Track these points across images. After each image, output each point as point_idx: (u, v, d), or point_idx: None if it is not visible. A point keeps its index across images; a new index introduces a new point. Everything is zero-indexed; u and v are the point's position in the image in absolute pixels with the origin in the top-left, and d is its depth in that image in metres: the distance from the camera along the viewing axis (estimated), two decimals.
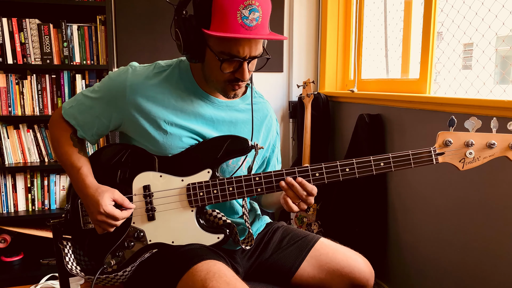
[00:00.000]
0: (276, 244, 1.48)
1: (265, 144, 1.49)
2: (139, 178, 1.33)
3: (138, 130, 1.33)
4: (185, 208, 1.33)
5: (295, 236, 1.49)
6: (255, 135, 1.43)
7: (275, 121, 1.54)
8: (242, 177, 1.29)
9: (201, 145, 1.34)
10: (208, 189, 1.31)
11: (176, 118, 1.33)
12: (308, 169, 1.27)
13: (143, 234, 1.34)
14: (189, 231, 1.33)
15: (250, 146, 1.31)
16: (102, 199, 1.26)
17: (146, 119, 1.31)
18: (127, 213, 1.29)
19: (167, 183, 1.32)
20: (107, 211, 1.26)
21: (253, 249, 1.49)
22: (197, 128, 1.34)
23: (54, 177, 2.74)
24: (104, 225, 1.28)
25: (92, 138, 1.40)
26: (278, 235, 1.52)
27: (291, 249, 1.45)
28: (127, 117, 1.32)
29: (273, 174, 1.29)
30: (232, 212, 1.47)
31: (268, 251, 1.47)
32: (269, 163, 1.55)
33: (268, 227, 1.56)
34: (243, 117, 1.41)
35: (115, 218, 1.27)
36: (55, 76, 2.69)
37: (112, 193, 1.29)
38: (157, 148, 1.33)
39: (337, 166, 1.27)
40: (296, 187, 1.25)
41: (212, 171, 1.31)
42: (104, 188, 1.29)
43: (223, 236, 1.33)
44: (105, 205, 1.26)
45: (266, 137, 1.49)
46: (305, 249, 1.44)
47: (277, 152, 1.56)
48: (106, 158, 1.37)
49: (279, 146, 1.58)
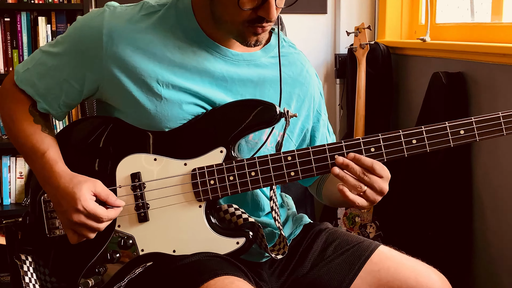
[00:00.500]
0: (318, 254, 1.49)
1: (300, 111, 1.50)
2: (126, 164, 1.34)
3: (121, 95, 1.34)
4: (190, 203, 1.33)
5: (344, 243, 1.50)
6: (285, 99, 1.43)
7: (315, 78, 1.55)
8: (268, 157, 1.31)
9: (209, 114, 1.35)
10: (222, 175, 1.31)
11: (174, 76, 1.33)
12: (360, 142, 1.29)
13: (133, 241, 1.34)
14: (196, 235, 1.34)
15: (279, 114, 1.31)
16: (80, 191, 1.26)
17: (132, 79, 1.32)
18: (115, 212, 1.30)
19: (164, 169, 1.33)
20: (88, 208, 1.25)
21: (285, 261, 1.49)
22: (203, 91, 1.35)
23: (7, 160, 2.71)
24: (82, 229, 1.28)
25: (58, 112, 1.41)
26: (320, 241, 1.52)
27: (339, 261, 1.46)
28: (106, 78, 1.33)
29: (311, 151, 1.31)
30: (256, 207, 1.48)
31: (307, 264, 1.48)
32: (315, 137, 1.57)
33: (307, 231, 1.57)
34: (267, 75, 1.43)
35: (98, 219, 1.26)
36: (9, 20, 2.68)
37: (92, 184, 1.29)
38: (149, 120, 1.34)
39: (400, 137, 1.29)
40: (352, 166, 1.27)
41: (226, 150, 1.32)
42: (82, 178, 1.30)
43: (244, 241, 1.33)
44: (85, 200, 1.25)
45: (302, 100, 1.50)
46: (358, 262, 1.44)
47: (325, 120, 1.60)
48: (79, 138, 1.38)
49: (326, 112, 1.61)
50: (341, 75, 3.22)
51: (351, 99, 3.05)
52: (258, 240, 1.37)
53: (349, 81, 3.11)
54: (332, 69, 3.26)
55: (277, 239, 1.42)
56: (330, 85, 3.28)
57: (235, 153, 1.33)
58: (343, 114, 3.26)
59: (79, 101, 1.40)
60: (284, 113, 1.31)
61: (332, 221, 2.90)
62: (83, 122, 1.37)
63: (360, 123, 2.84)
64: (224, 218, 1.38)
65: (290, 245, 1.51)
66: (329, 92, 3.28)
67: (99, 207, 1.27)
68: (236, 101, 1.35)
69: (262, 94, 1.41)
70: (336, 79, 3.25)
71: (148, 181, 1.33)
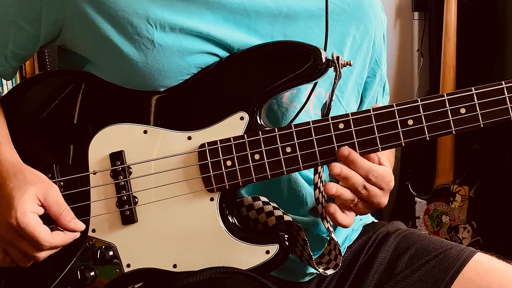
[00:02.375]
0: (385, 268, 1.52)
1: (356, 60, 1.51)
2: (102, 139, 1.36)
3: (94, 42, 1.36)
4: (197, 195, 1.34)
5: (423, 252, 1.51)
6: (335, 41, 1.45)
7: (380, 12, 1.59)
8: (311, 125, 1.31)
9: (224, 65, 1.37)
10: (243, 153, 1.32)
11: (172, 13, 1.34)
12: (445, 99, 1.30)
13: (114, 253, 1.35)
14: (207, 242, 1.35)
15: (325, 62, 1.31)
16: (22, 197, 1.25)
17: (110, 20, 1.33)
18: (64, 239, 1.29)
19: (159, 145, 1.35)
20: (24, 224, 1.22)
21: (338, 280, 1.52)
22: (215, 31, 1.36)
23: None
24: (13, 252, 1.28)
25: (5, 66, 1.44)
26: (388, 250, 1.55)
27: (416, 278, 1.47)
28: (71, 17, 1.34)
29: (373, 114, 1.31)
30: (296, 200, 1.49)
31: (369, 284, 1.50)
32: (365, 97, 1.60)
33: (368, 235, 1.60)
34: (308, 6, 1.44)
35: (35, 244, 1.25)
36: None
37: (43, 189, 1.28)
38: (136, 77, 1.36)
39: (503, 90, 1.30)
40: (355, 172, 1.29)
41: (249, 116, 1.33)
42: (32, 176, 1.29)
43: (277, 249, 1.33)
44: (23, 211, 1.23)
45: (359, 45, 1.53)
46: (445, 278, 1.44)
47: (382, 74, 1.64)
48: (33, 104, 1.41)
49: (385, 63, 1.64)
50: (422, 7, 3.22)
51: (436, 42, 3.05)
52: (299, 248, 1.38)
53: (433, 16, 3.10)
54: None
55: (326, 246, 1.43)
56: (405, 22, 3.30)
57: (261, 120, 1.34)
58: (424, 63, 3.26)
59: (34, 50, 1.42)
60: (333, 61, 1.31)
61: (407, 221, 2.92)
62: (39, 81, 1.40)
63: (449, 74, 2.85)
64: (247, 217, 1.39)
65: (345, 255, 1.53)
66: (403, 32, 3.30)
67: (41, 226, 1.25)
68: (262, 44, 1.35)
69: (300, 33, 1.41)
70: (413, 13, 3.26)
71: (135, 163, 1.34)
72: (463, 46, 2.95)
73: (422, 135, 1.30)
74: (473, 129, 1.31)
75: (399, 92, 3.27)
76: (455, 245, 1.50)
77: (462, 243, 2.79)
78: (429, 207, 2.89)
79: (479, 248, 2.66)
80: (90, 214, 1.35)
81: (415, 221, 2.92)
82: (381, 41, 1.59)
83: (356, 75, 1.54)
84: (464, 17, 2.95)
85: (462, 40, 2.94)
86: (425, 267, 1.47)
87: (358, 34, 1.51)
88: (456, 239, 2.82)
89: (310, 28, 1.42)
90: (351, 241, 1.56)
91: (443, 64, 2.89)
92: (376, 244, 1.55)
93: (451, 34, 2.87)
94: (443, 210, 2.86)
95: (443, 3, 2.94)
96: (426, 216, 2.89)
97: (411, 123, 1.30)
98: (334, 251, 1.40)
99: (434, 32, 3.10)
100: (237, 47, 1.36)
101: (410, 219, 2.93)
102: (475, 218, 2.84)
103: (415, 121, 1.30)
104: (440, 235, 2.84)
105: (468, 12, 2.97)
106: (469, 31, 2.98)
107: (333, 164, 1.28)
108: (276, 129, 1.31)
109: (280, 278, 1.46)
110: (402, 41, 3.31)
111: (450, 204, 2.86)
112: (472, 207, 2.84)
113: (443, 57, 2.89)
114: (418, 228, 2.89)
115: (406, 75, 3.35)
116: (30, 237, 1.23)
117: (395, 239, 1.55)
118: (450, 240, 2.79)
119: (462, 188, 2.86)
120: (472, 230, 2.82)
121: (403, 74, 3.34)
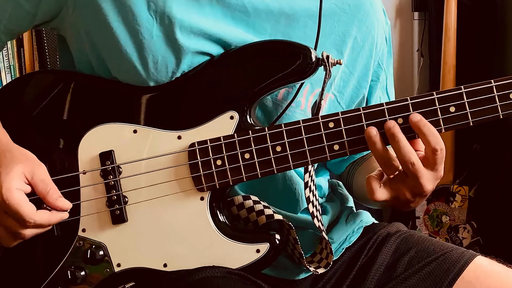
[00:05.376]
0: (385, 270, 1.51)
1: (357, 61, 1.53)
2: (92, 138, 1.36)
3: (91, 27, 1.37)
4: (187, 194, 1.35)
5: (423, 254, 1.51)
6: (335, 42, 1.47)
7: (381, 14, 1.58)
8: (300, 124, 1.31)
9: (217, 63, 1.37)
10: (233, 152, 1.33)
11: (173, 3, 1.35)
12: (434, 97, 1.30)
13: (104, 252, 1.36)
14: (197, 242, 1.35)
15: (314, 61, 1.31)
16: (8, 174, 1.25)
17: (114, 4, 1.34)
18: (50, 217, 1.28)
19: (149, 145, 1.35)
20: (9, 200, 1.22)
21: (336, 281, 1.52)
22: (212, 26, 1.37)
23: None
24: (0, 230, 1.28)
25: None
26: (388, 251, 1.54)
27: (415, 280, 1.46)
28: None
29: (363, 113, 1.31)
30: (290, 199, 1.50)
31: (369, 283, 1.49)
32: (369, 102, 1.60)
33: (369, 236, 1.60)
34: (308, 6, 1.44)
35: (20, 220, 1.24)
36: None
37: (30, 168, 1.29)
38: (126, 68, 1.37)
39: (493, 89, 1.29)
40: (401, 142, 1.27)
41: (239, 114, 1.34)
42: (20, 155, 1.31)
43: (268, 247, 1.34)
44: (9, 187, 1.23)
45: (361, 46, 1.53)
46: (445, 281, 1.43)
47: (386, 79, 1.63)
48: (23, 103, 1.41)
49: (391, 67, 1.62)
50: (422, 7, 3.24)
51: (436, 42, 3.06)
52: (290, 247, 1.38)
53: (433, 16, 3.11)
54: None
55: (318, 245, 1.45)
56: (405, 22, 3.30)
57: (251, 119, 1.35)
58: (424, 63, 3.27)
59: (27, 28, 1.44)
60: (323, 59, 1.31)
61: (407, 221, 2.91)
62: (28, 80, 1.41)
63: (449, 76, 2.85)
64: (238, 216, 1.39)
65: (345, 256, 1.54)
66: (403, 32, 3.31)
67: (26, 203, 1.25)
68: (252, 44, 1.36)
69: (300, 33, 1.42)
70: (413, 13, 3.27)
71: (125, 163, 1.34)
72: (463, 46, 2.96)
73: (411, 134, 1.30)
74: (462, 127, 1.32)
75: (399, 92, 3.26)
76: (456, 247, 1.50)
77: (462, 243, 2.80)
78: (429, 207, 2.89)
79: (479, 248, 2.68)
80: (80, 214, 1.35)
81: (415, 221, 2.92)
82: (383, 44, 1.59)
83: (359, 77, 1.54)
84: (464, 17, 2.95)
85: (462, 40, 2.95)
86: (425, 270, 1.46)
87: (359, 35, 1.51)
88: (456, 239, 2.82)
89: (310, 27, 1.43)
90: (351, 242, 1.56)
91: (443, 64, 2.89)
92: (376, 245, 1.54)
93: (451, 34, 2.88)
94: (443, 210, 2.86)
95: (443, 3, 2.94)
96: (426, 216, 2.89)
97: (401, 122, 1.30)
98: (326, 249, 1.39)
99: (434, 32, 3.10)
100: (234, 43, 1.37)
101: (410, 219, 2.93)
102: (475, 218, 2.84)
103: (404, 120, 1.30)
104: (440, 235, 2.85)
105: (468, 12, 2.97)
106: (469, 31, 2.98)
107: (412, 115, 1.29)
108: (266, 128, 1.32)
109: (274, 276, 1.45)
110: (402, 41, 3.32)
111: (450, 204, 2.86)
112: (472, 207, 2.84)
113: (443, 57, 2.89)
114: (418, 228, 2.90)
115: (406, 75, 3.36)
116: (14, 213, 1.23)
117: (395, 241, 1.54)
118: (450, 240, 2.83)
119: (462, 188, 2.86)
120: (472, 230, 2.83)
121: (403, 74, 3.35)
